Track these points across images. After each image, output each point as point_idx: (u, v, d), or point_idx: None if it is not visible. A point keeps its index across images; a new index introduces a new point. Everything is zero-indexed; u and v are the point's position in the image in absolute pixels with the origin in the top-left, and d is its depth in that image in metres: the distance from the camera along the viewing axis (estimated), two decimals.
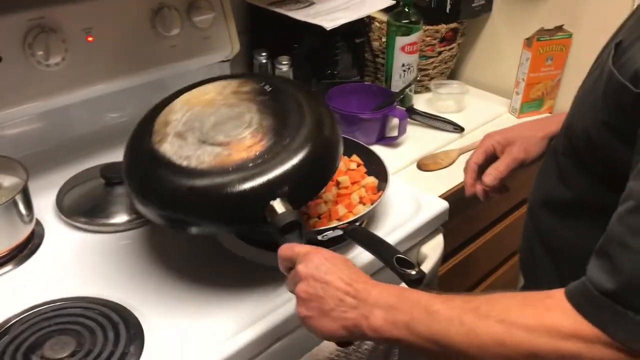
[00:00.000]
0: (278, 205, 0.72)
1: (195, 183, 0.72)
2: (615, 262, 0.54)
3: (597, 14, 1.25)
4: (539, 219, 0.80)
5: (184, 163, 0.74)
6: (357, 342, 0.87)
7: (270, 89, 0.83)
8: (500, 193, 0.96)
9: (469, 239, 1.30)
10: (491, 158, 0.95)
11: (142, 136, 0.80)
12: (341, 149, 0.82)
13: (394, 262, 0.73)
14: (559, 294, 0.56)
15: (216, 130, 0.78)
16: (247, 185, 0.72)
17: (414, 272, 0.72)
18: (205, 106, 0.81)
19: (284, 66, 1.30)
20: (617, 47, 0.64)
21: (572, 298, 0.55)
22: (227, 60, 1.32)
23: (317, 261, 0.65)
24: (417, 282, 0.72)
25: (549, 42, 1.26)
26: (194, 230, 0.77)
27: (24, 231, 0.90)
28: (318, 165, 0.78)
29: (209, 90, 0.84)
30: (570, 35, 1.27)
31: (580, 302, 0.55)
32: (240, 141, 0.76)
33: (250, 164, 0.73)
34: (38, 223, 0.95)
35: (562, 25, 1.28)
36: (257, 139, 0.76)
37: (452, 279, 1.25)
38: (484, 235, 1.33)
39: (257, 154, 0.74)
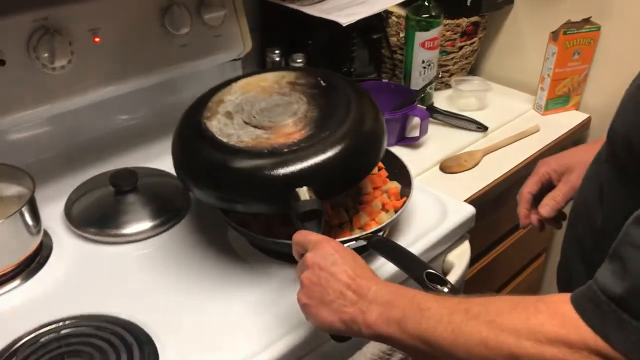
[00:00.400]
0: (303, 193, 0.73)
1: (229, 159, 0.76)
2: (626, 266, 0.50)
3: (626, 4, 1.19)
4: (579, 231, 0.74)
5: (225, 140, 0.78)
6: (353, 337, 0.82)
7: (325, 84, 0.86)
8: (558, 223, 0.90)
9: (493, 243, 1.25)
10: (546, 186, 0.89)
11: (196, 109, 0.85)
12: (380, 153, 0.83)
13: (424, 277, 0.69)
14: (554, 297, 0.54)
15: (262, 114, 0.82)
16: (277, 169, 0.74)
17: (446, 289, 0.67)
18: (259, 92, 0.86)
19: (298, 64, 1.24)
20: None
21: (575, 301, 0.52)
22: (238, 59, 1.27)
23: (326, 251, 0.65)
24: None
25: (577, 35, 1.20)
26: (219, 203, 0.80)
27: (32, 244, 0.86)
28: (350, 163, 0.78)
29: (267, 79, 0.88)
30: (598, 28, 1.21)
31: (584, 306, 0.51)
32: (281, 127, 0.79)
33: (286, 150, 0.75)
34: (46, 234, 0.91)
35: (590, 17, 1.22)
36: (298, 128, 0.79)
37: (476, 284, 1.20)
38: (508, 239, 1.28)
39: (294, 141, 0.77)
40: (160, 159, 1.10)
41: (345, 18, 1.18)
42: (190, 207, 0.99)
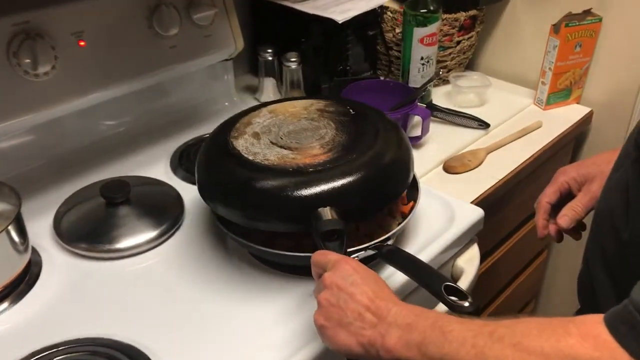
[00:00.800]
0: (325, 212, 0.71)
1: (254, 176, 0.75)
2: None
3: None
4: (602, 240, 0.70)
5: (250, 157, 0.78)
6: None
7: (353, 112, 0.86)
8: (577, 234, 0.87)
9: (497, 243, 1.21)
10: (565, 195, 0.86)
11: (223, 130, 0.85)
12: (408, 180, 0.82)
13: (443, 291, 0.65)
14: (585, 319, 0.50)
15: (290, 136, 0.82)
16: (302, 187, 0.73)
17: (466, 304, 0.63)
18: (288, 116, 0.87)
19: (292, 63, 1.20)
20: None
21: (609, 322, 0.48)
22: (230, 59, 1.22)
23: (345, 271, 0.63)
24: (472, 314, 0.63)
25: (578, 27, 1.16)
26: (241, 220, 0.78)
27: (19, 263, 0.81)
28: (377, 187, 0.77)
29: (296, 105, 0.89)
30: (600, 20, 1.18)
31: (618, 327, 0.48)
32: (308, 149, 0.79)
33: (311, 169, 0.75)
34: (34, 251, 0.86)
35: (591, 8, 1.19)
36: (325, 150, 0.79)
37: (480, 286, 1.16)
38: (512, 238, 1.25)
39: (320, 162, 0.76)
40: (152, 166, 1.06)
41: (341, 15, 1.14)
42: (185, 217, 0.94)
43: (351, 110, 0.87)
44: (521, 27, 1.32)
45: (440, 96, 1.29)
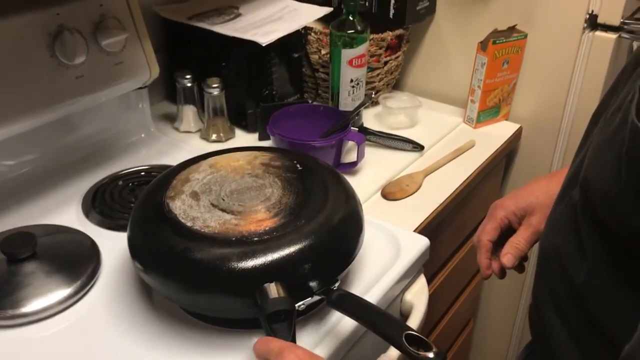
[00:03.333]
0: (272, 289, 0.64)
1: (192, 246, 0.67)
2: None
3: (548, 11, 1.16)
4: (552, 279, 0.65)
5: (189, 223, 0.70)
6: None
7: (301, 168, 0.81)
8: (520, 267, 0.82)
9: (437, 270, 1.17)
10: (505, 230, 0.82)
11: (158, 188, 0.78)
12: (360, 241, 0.75)
13: (404, 341, 0.59)
14: None
15: (232, 197, 0.75)
16: (245, 260, 0.65)
17: (431, 355, 0.57)
18: (230, 172, 0.80)
19: (214, 89, 1.12)
20: None
21: None
22: (144, 87, 1.12)
23: None
24: None
25: (505, 44, 1.15)
26: (176, 296, 0.70)
27: None
28: (328, 254, 0.70)
29: (239, 158, 0.83)
30: (525, 36, 1.18)
31: None
32: (252, 213, 0.72)
33: (255, 239, 0.67)
34: None
35: (515, 25, 1.18)
36: (271, 215, 0.71)
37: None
38: (450, 263, 1.22)
39: (266, 229, 0.69)
40: (61, 211, 0.94)
41: (264, 37, 1.07)
42: (102, 269, 0.83)
43: (298, 165, 0.81)
44: (446, 45, 1.30)
45: (370, 118, 1.24)
